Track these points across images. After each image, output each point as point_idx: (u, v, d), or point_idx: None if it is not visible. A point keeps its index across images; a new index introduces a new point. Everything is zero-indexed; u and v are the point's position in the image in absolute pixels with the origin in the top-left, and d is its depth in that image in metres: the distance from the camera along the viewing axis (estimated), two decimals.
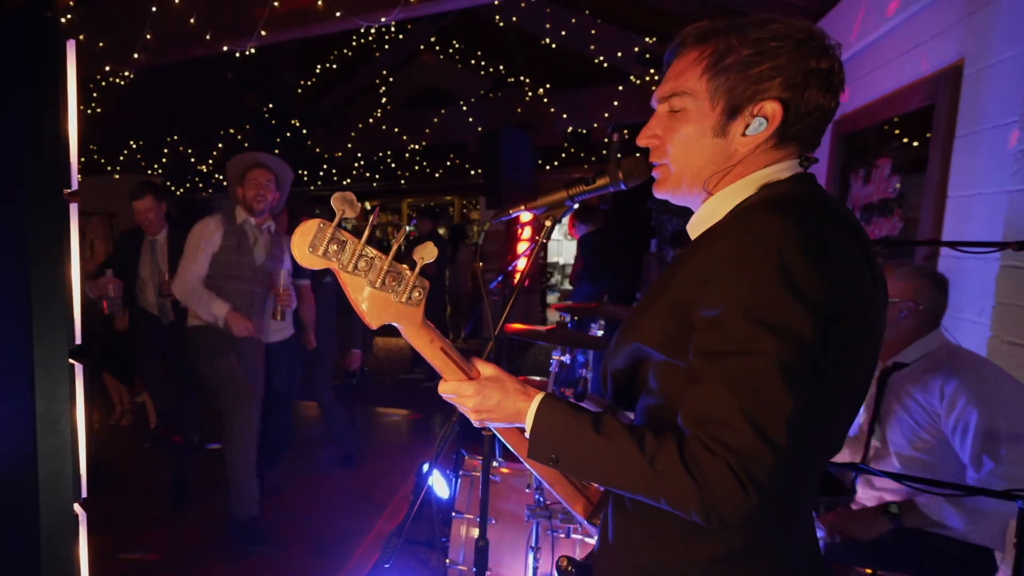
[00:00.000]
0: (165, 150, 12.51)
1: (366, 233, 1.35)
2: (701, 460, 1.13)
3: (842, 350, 1.20)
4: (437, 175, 13.30)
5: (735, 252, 1.18)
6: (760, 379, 1.12)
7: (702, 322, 1.20)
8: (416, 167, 13.34)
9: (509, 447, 1.54)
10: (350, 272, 1.37)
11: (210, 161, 12.37)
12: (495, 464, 3.33)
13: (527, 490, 3.27)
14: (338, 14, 5.55)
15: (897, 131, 4.34)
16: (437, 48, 12.49)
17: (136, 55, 6.16)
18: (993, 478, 2.52)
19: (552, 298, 14.42)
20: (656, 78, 8.59)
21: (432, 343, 1.45)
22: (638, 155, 1.49)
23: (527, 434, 1.39)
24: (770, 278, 1.13)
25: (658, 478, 1.18)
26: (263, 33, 5.74)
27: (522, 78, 10.96)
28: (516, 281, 1.62)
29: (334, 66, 11.96)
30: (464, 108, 10.75)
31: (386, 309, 1.40)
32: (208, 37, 5.97)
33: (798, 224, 1.16)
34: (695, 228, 1.40)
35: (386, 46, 11.64)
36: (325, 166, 13.43)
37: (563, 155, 11.85)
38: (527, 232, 12.08)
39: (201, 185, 13.63)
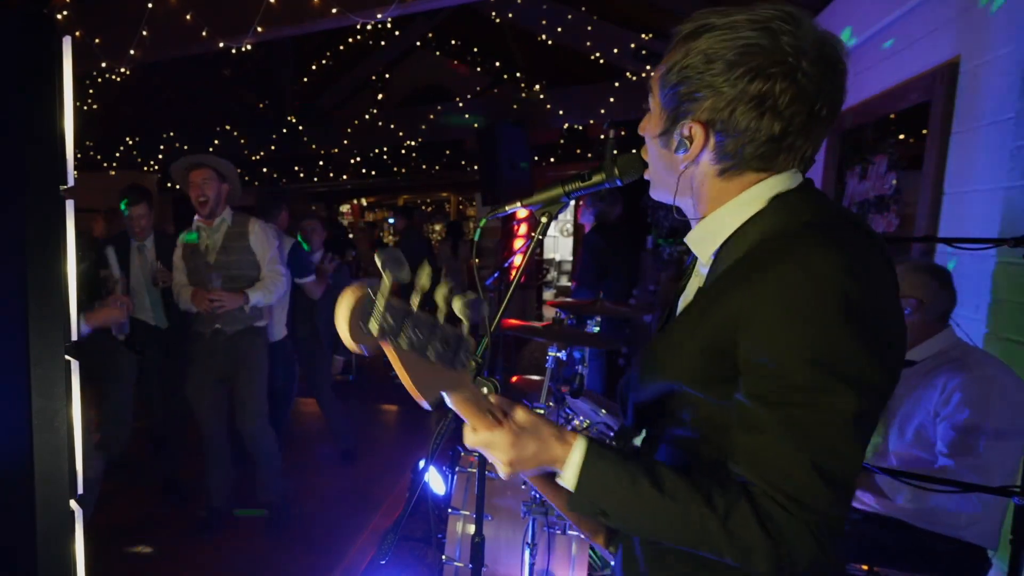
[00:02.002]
0: (161, 147, 12.46)
1: (417, 300, 1.14)
2: (778, 520, 1.10)
3: (893, 372, 1.19)
4: (434, 172, 13.31)
5: (792, 297, 1.12)
6: (832, 432, 1.10)
7: (757, 367, 1.16)
8: (412, 164, 13.34)
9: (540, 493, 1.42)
10: (405, 349, 1.14)
11: None
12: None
13: (523, 487, 3.28)
14: (334, 11, 5.55)
15: (893, 128, 4.35)
16: (434, 45, 12.48)
17: (132, 52, 6.15)
18: (961, 469, 2.53)
19: (548, 294, 14.42)
20: (652, 75, 8.56)
21: (479, 403, 1.26)
22: (634, 152, 1.49)
23: (569, 486, 1.24)
24: (838, 323, 1.09)
25: (730, 538, 1.13)
26: (259, 30, 5.73)
27: (518, 74, 10.95)
28: (512, 277, 1.61)
29: (330, 63, 11.95)
30: (460, 105, 10.74)
31: (437, 379, 1.20)
32: (204, 34, 5.96)
33: (851, 262, 1.12)
34: (699, 244, 1.38)
35: (382, 43, 11.63)
36: (322, 163, 13.42)
37: (559, 152, 11.85)
38: (523, 228, 12.08)
39: None
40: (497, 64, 11.84)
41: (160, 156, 12.52)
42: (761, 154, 1.24)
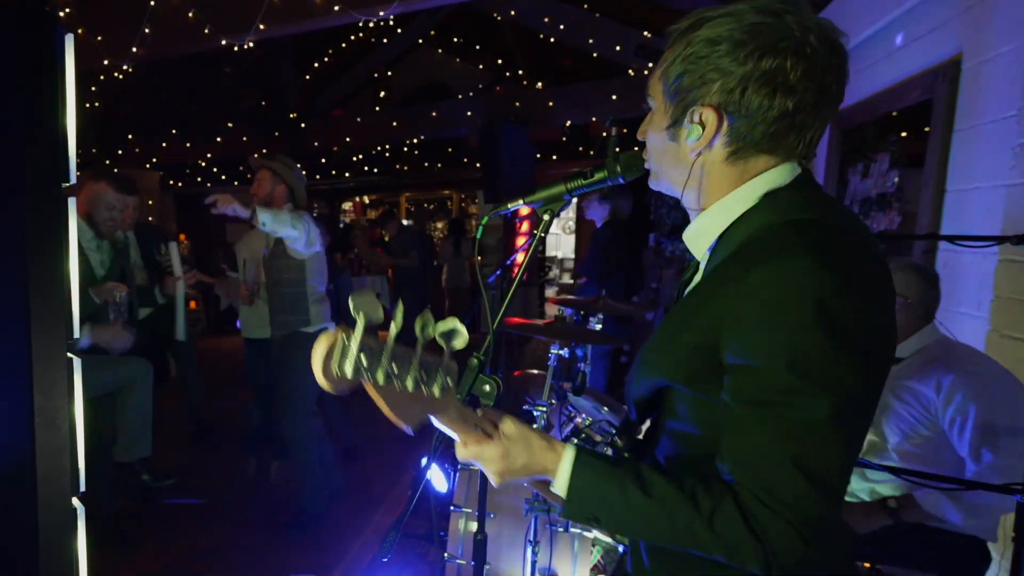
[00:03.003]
0: (164, 144, 12.48)
1: (393, 333, 1.16)
2: (762, 518, 1.13)
3: (879, 377, 1.21)
4: (435, 169, 13.31)
5: (769, 301, 1.13)
6: (810, 433, 1.12)
7: (739, 368, 1.18)
8: (414, 161, 13.34)
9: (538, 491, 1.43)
10: (382, 384, 1.15)
11: (208, 155, 12.36)
12: None
13: (525, 484, 3.28)
14: (336, 8, 5.55)
15: (895, 125, 4.34)
16: (436, 43, 12.48)
17: (135, 49, 6.16)
18: (991, 471, 2.52)
19: (551, 292, 14.42)
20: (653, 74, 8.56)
21: (466, 422, 1.30)
22: (636, 149, 1.49)
23: (561, 494, 1.29)
24: (812, 329, 1.10)
25: (717, 538, 1.16)
26: (261, 27, 5.74)
27: (520, 72, 10.95)
28: (515, 275, 1.61)
29: (332, 60, 11.95)
30: (463, 102, 10.74)
31: (421, 408, 1.23)
32: (206, 31, 5.96)
33: (829, 265, 1.12)
34: (694, 241, 1.39)
35: (384, 40, 11.63)
36: (323, 160, 13.43)
37: (561, 149, 11.84)
38: (525, 226, 12.08)
39: (200, 179, 13.63)
40: (499, 62, 11.84)
41: (162, 153, 12.54)
42: (773, 132, 1.24)
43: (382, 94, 12.86)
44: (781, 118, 1.23)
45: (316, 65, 11.90)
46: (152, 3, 5.91)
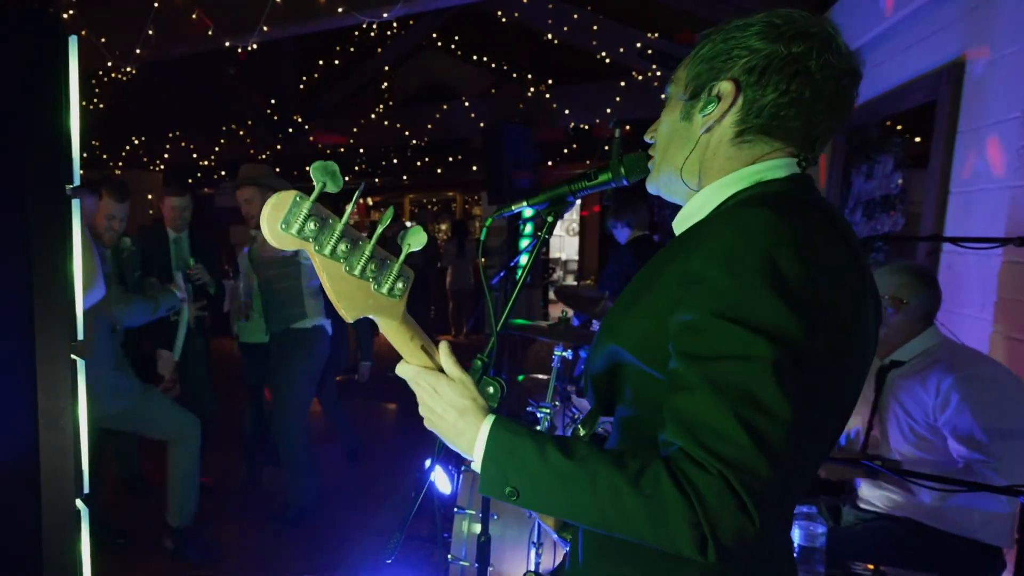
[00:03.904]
0: (167, 146, 12.51)
1: (349, 211, 1.15)
2: (694, 477, 1.01)
3: (833, 350, 1.12)
4: (439, 171, 13.31)
5: (723, 249, 1.09)
6: (755, 384, 1.02)
7: (685, 324, 1.11)
8: (418, 163, 13.35)
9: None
10: (327, 256, 1.14)
11: (212, 157, 12.38)
12: None
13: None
14: (340, 10, 5.55)
15: (899, 127, 4.34)
16: (439, 44, 12.48)
17: (138, 51, 6.17)
18: (983, 471, 2.52)
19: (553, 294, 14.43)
20: (659, 74, 8.60)
21: (412, 340, 1.28)
22: (640, 151, 1.49)
23: (476, 460, 1.21)
24: (760, 278, 1.05)
25: (644, 503, 1.03)
26: (265, 29, 5.74)
27: (524, 74, 10.95)
28: (518, 277, 1.60)
29: (336, 62, 11.96)
30: (466, 104, 10.74)
31: (365, 300, 1.20)
32: (210, 33, 5.97)
33: (788, 222, 1.10)
34: (681, 223, 1.37)
35: (388, 42, 11.64)
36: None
37: (565, 151, 11.84)
38: (529, 228, 12.08)
39: (203, 181, 13.65)
40: (503, 63, 11.84)
41: (166, 155, 12.55)
42: (783, 117, 1.24)
43: (386, 96, 12.86)
44: (795, 104, 1.23)
45: (320, 66, 11.91)
46: (156, 5, 5.92)
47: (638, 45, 8.69)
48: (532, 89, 10.23)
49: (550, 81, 10.30)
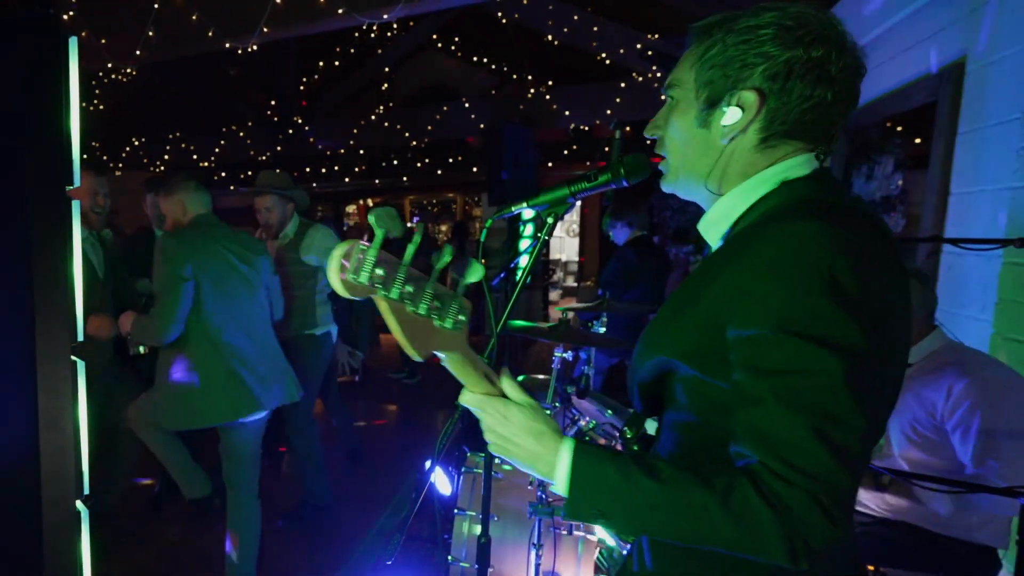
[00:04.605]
0: (167, 147, 12.51)
1: (411, 253, 1.15)
2: (783, 493, 1.04)
3: (889, 354, 1.15)
4: (439, 172, 13.30)
5: (778, 264, 1.11)
6: (827, 397, 1.05)
7: (748, 339, 1.13)
8: (418, 164, 13.35)
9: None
10: (396, 299, 1.14)
11: (212, 158, 12.39)
12: (497, 461, 3.33)
13: (529, 487, 3.28)
14: (340, 11, 5.55)
15: (900, 128, 4.34)
16: (440, 45, 12.49)
17: (138, 52, 6.17)
18: (998, 478, 2.51)
19: (554, 295, 14.41)
20: (659, 74, 8.61)
21: (476, 368, 1.27)
22: (640, 152, 1.49)
23: (561, 487, 1.21)
24: (820, 291, 1.07)
25: (735, 521, 1.06)
26: (265, 30, 5.74)
27: (525, 75, 10.96)
28: (518, 278, 1.60)
29: (336, 63, 11.97)
30: (467, 105, 10.74)
31: (431, 337, 1.20)
32: (210, 34, 5.97)
33: (839, 231, 1.11)
34: (709, 228, 1.38)
35: (388, 43, 11.64)
36: (327, 163, 13.43)
37: (565, 152, 11.84)
38: (529, 229, 12.07)
39: (203, 181, 13.63)
40: (503, 64, 11.84)
41: (166, 156, 12.55)
42: (807, 121, 1.25)
43: (386, 97, 12.86)
44: (817, 107, 1.24)
45: (320, 68, 11.92)
46: (156, 6, 5.92)
47: (638, 46, 8.71)
48: (532, 90, 10.24)
49: (550, 82, 10.31)
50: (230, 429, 3.72)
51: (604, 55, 9.15)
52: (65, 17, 6.08)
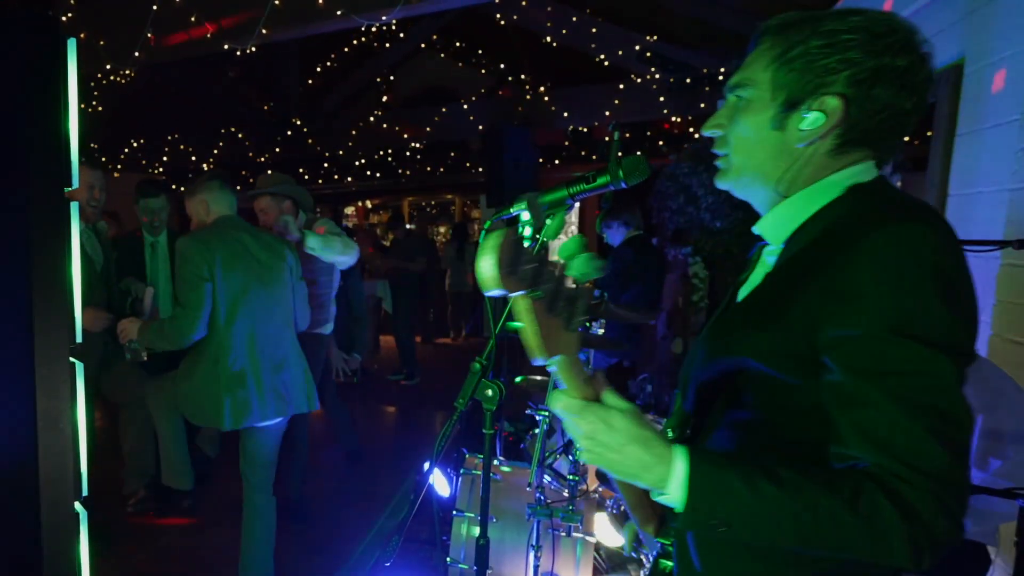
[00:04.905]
0: (166, 148, 12.51)
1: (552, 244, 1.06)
2: (906, 495, 1.04)
3: (975, 347, 1.16)
4: (438, 173, 13.31)
5: (890, 266, 1.10)
6: (941, 398, 1.06)
7: (852, 339, 1.12)
8: (417, 165, 13.35)
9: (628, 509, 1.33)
10: (541, 299, 1.07)
11: (211, 159, 12.39)
12: (496, 463, 3.33)
13: (528, 489, 3.28)
14: (339, 12, 5.56)
15: None
16: (439, 47, 12.50)
17: (137, 53, 6.17)
18: (999, 478, 2.52)
19: None
20: (657, 76, 8.62)
21: (581, 372, 1.19)
22: (638, 153, 1.49)
23: (677, 496, 1.14)
24: (934, 293, 1.08)
25: (865, 525, 1.05)
26: (264, 32, 5.75)
27: (523, 76, 10.96)
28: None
29: (335, 65, 11.97)
30: (465, 106, 10.75)
31: (559, 339, 1.13)
32: (209, 36, 5.97)
33: (944, 233, 1.12)
34: (774, 230, 1.36)
35: (387, 44, 11.65)
36: (326, 165, 13.44)
37: (564, 153, 11.85)
38: (528, 230, 12.06)
39: None
40: (502, 66, 11.86)
41: (165, 158, 12.54)
42: (885, 128, 1.24)
43: (385, 98, 12.87)
44: (895, 116, 1.23)
45: (319, 69, 11.92)
46: (155, 8, 5.92)
47: (636, 48, 8.71)
48: (531, 92, 10.24)
49: (549, 84, 10.31)
50: (248, 430, 3.70)
51: (603, 57, 9.16)
52: (64, 18, 6.09)
